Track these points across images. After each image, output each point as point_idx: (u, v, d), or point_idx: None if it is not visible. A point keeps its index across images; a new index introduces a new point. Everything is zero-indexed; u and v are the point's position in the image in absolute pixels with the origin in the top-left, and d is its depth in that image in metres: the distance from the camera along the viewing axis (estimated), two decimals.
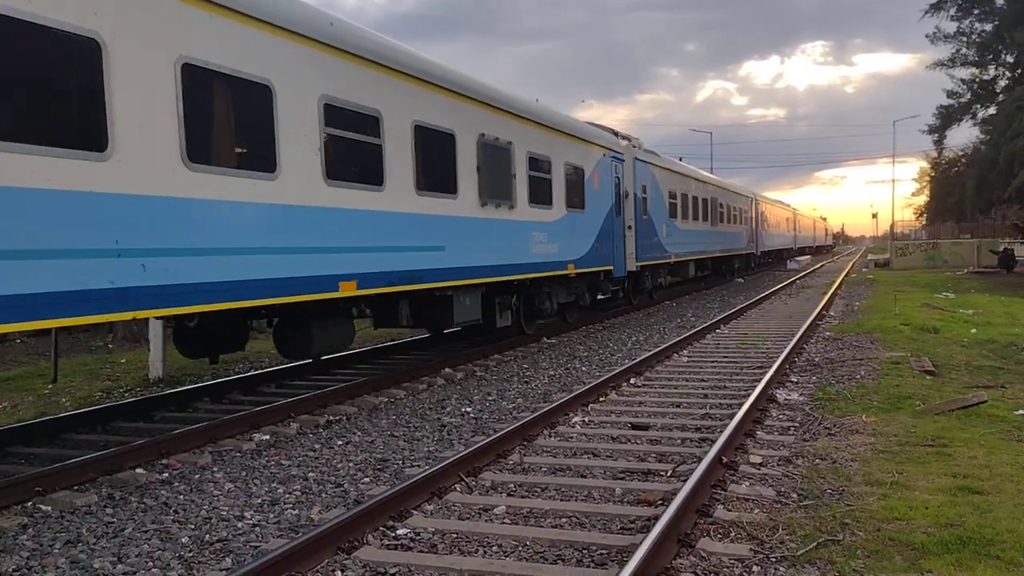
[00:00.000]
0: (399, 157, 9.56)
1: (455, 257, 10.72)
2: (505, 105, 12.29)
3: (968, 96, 39.11)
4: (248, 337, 9.59)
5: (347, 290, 8.62)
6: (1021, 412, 7.80)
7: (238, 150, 7.56)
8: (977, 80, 38.65)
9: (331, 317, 9.30)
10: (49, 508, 5.74)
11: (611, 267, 16.90)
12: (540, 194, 13.40)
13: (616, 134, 18.75)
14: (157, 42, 6.46)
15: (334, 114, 8.39)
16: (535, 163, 13.19)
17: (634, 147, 19.39)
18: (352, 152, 8.92)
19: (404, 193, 9.67)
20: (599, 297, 17.83)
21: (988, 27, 36.19)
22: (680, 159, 25.09)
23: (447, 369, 11.33)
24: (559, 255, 14.16)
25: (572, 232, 14.77)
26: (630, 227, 18.43)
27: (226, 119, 7.39)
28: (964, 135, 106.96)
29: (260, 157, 7.59)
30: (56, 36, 5.67)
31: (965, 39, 37.07)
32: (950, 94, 39.67)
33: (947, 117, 40.11)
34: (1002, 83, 37.66)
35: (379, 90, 9.18)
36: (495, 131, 11.88)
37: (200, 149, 6.88)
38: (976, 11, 36.21)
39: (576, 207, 15.00)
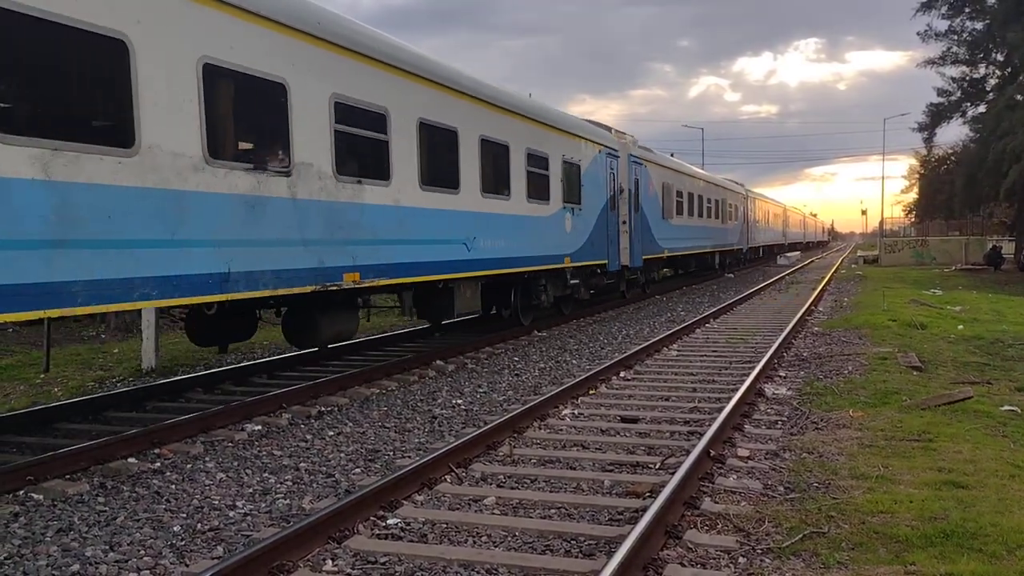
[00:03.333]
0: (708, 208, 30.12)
1: (707, 243, 29.12)
2: (719, 183, 33.43)
3: (958, 94, 39.33)
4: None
5: (708, 250, 30.09)
6: (1006, 408, 7.88)
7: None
8: (967, 78, 38.86)
9: (693, 261, 28.78)
10: (41, 497, 5.76)
11: (741, 248, 37.68)
12: (725, 216, 32.82)
13: (742, 186, 39.40)
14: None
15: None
16: (720, 203, 32.01)
17: (748, 190, 39.78)
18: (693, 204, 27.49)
19: (705, 220, 29.13)
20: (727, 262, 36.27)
21: (979, 26, 36.38)
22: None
23: (438, 361, 11.37)
24: (730, 239, 34.15)
25: (733, 231, 35.06)
26: (745, 228, 38.07)
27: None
28: (954, 133, 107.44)
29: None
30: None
31: (956, 37, 37.28)
32: (940, 92, 39.91)
33: (937, 115, 40.34)
34: (992, 82, 37.89)
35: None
36: (725, 197, 33.63)
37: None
38: (967, 9, 36.37)
39: (733, 220, 35.13)
